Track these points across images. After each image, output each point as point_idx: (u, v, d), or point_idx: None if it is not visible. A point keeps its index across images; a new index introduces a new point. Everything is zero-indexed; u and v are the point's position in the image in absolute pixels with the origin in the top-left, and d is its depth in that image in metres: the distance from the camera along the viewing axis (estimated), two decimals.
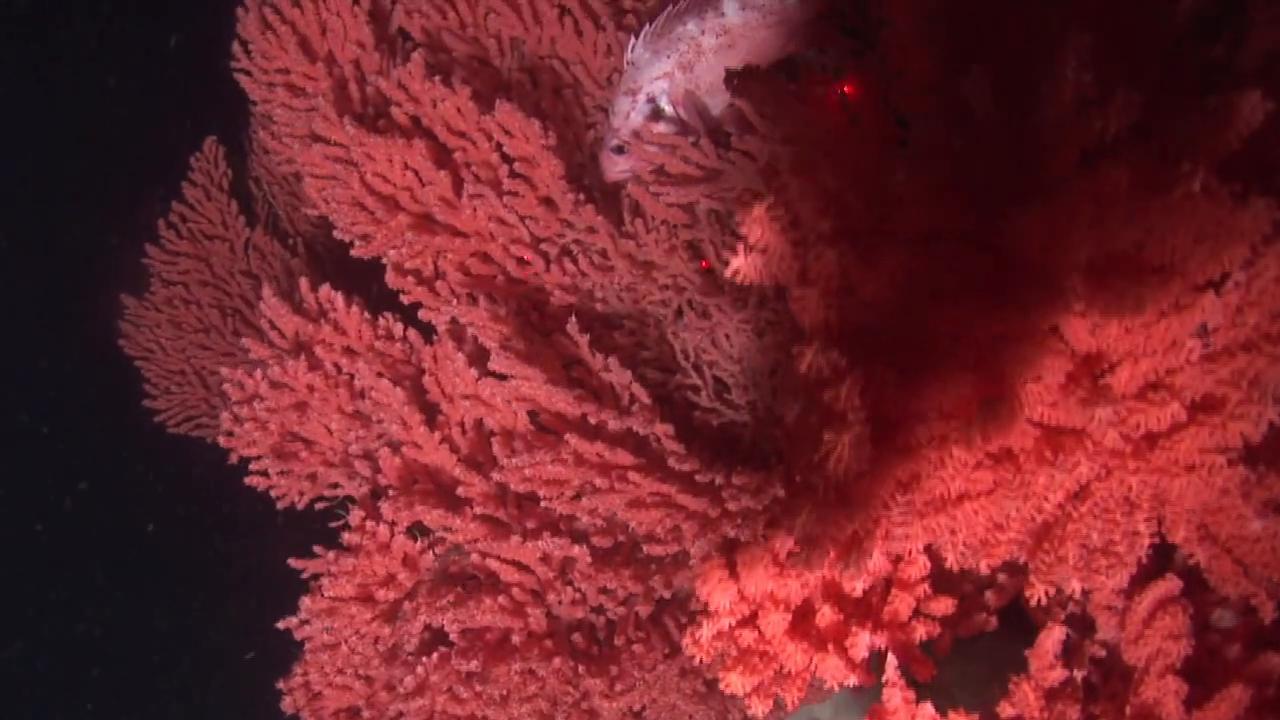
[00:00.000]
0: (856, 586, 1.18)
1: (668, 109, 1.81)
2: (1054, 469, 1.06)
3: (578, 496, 1.80)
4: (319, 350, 1.88)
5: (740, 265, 0.98)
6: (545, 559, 1.84)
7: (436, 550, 1.90)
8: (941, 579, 1.35)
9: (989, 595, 1.47)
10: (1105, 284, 0.89)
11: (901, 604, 1.24)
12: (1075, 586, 1.14)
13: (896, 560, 1.29)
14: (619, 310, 2.03)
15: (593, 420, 1.77)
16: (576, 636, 1.95)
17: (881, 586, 1.30)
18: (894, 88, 1.11)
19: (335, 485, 2.00)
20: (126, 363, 2.49)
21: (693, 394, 2.03)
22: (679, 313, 2.05)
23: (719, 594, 1.16)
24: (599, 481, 1.72)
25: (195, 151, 2.54)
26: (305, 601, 1.84)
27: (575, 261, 1.92)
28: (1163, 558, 1.30)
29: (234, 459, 1.96)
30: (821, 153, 0.93)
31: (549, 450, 1.73)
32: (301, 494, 1.99)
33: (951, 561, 1.13)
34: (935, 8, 0.97)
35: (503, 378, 1.80)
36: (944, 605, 1.24)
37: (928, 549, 1.27)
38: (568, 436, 1.72)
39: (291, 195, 2.41)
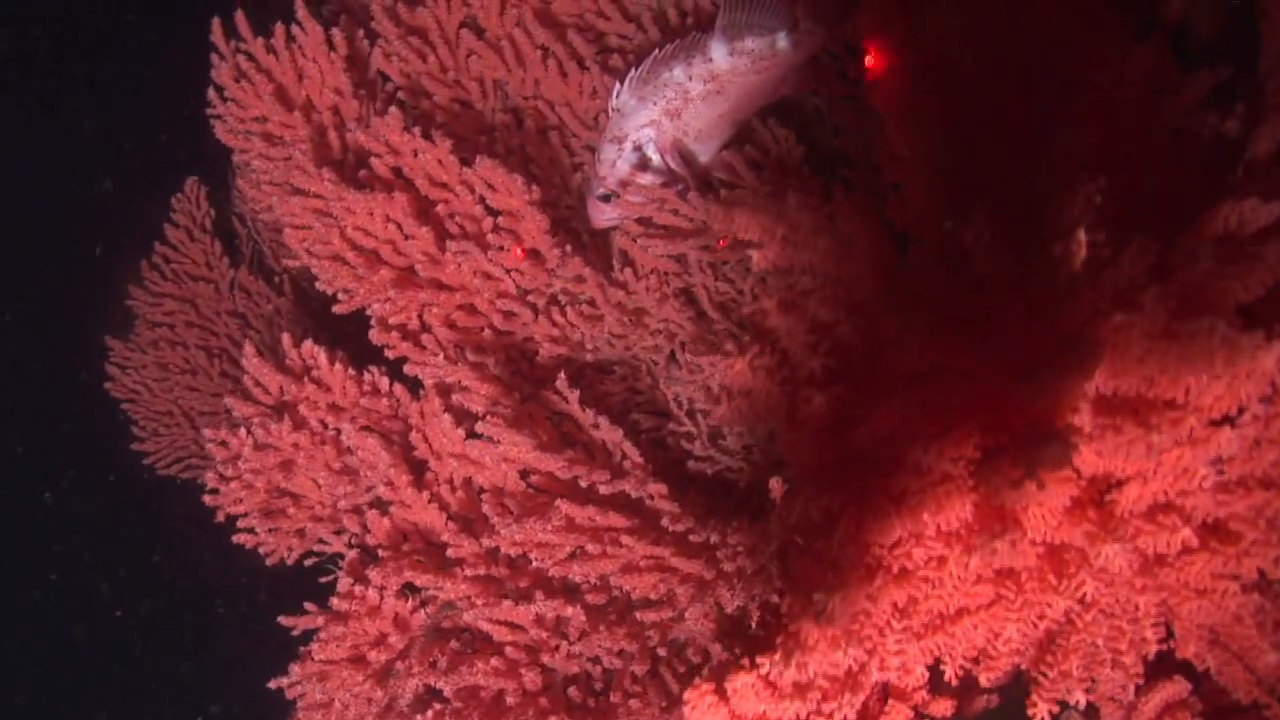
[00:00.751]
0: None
1: (655, 157, 1.73)
2: (1057, 591, 1.00)
3: (572, 555, 1.75)
4: (303, 409, 1.82)
5: (723, 413, 0.92)
6: (539, 620, 1.79)
7: (428, 609, 1.85)
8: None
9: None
10: (1114, 425, 0.82)
11: (899, 714, 1.18)
12: (1080, 699, 1.09)
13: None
14: (610, 356, 1.97)
15: (584, 484, 1.71)
16: (573, 690, 1.90)
17: (878, 694, 1.24)
18: (890, 203, 1.04)
19: (325, 541, 1.95)
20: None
21: (687, 442, 1.97)
22: (672, 356, 1.99)
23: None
24: (591, 547, 1.67)
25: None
26: (295, 668, 1.80)
27: (564, 312, 1.86)
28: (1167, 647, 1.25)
29: (221, 517, 1.90)
30: (812, 280, 0.87)
31: (539, 518, 1.67)
32: (290, 550, 1.94)
33: (950, 675, 1.08)
34: (933, 133, 0.90)
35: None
36: (944, 707, 1.18)
37: None
38: (559, 503, 1.66)
39: (276, 233, 2.34)
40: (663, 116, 1.70)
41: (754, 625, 1.64)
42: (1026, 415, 0.81)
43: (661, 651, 1.83)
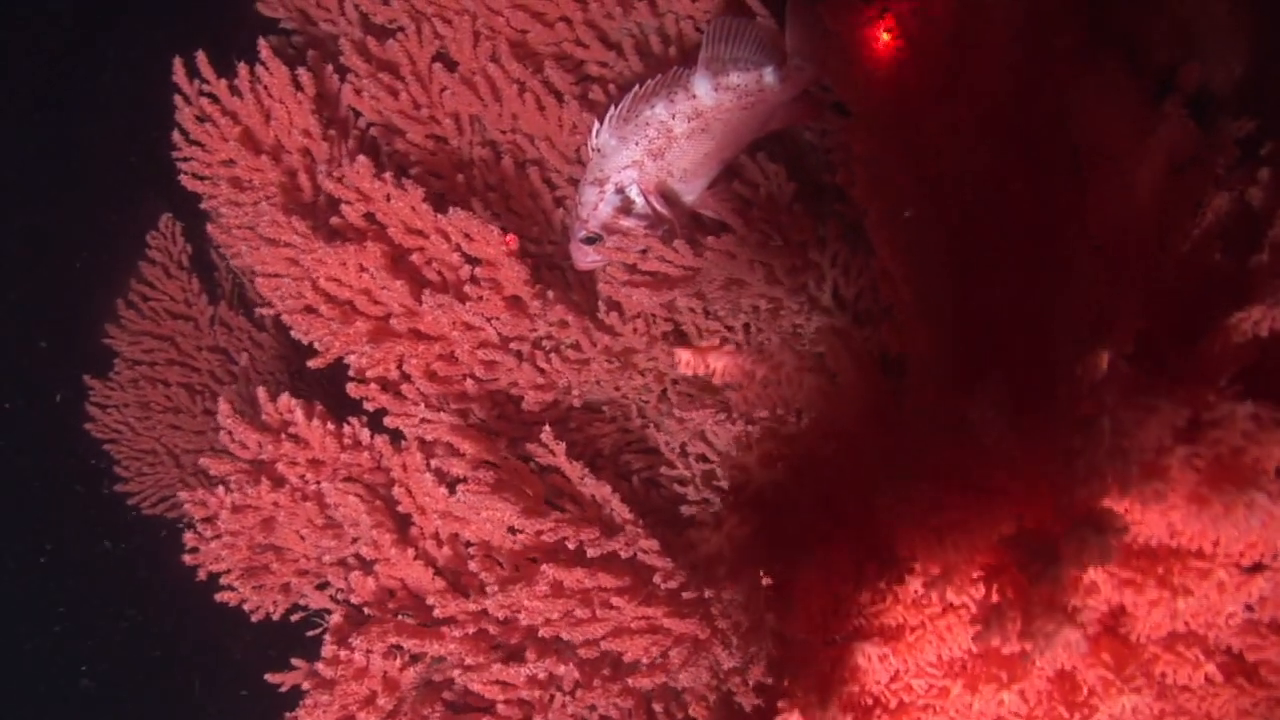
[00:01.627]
0: None
1: (638, 200, 1.63)
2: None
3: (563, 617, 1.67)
4: (281, 467, 1.74)
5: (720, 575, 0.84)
6: (531, 679, 1.71)
7: (417, 666, 1.77)
8: None
9: None
10: (1135, 582, 0.73)
11: None
12: None
13: None
14: (599, 397, 1.88)
15: (571, 545, 1.63)
16: None
17: None
18: (886, 329, 0.95)
19: (311, 595, 1.87)
20: None
21: (680, 485, 1.88)
22: (663, 394, 1.90)
23: None
24: (580, 612, 1.59)
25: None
26: None
27: (549, 358, 1.76)
28: None
29: (203, 575, 1.83)
30: (797, 425, 0.78)
31: (525, 584, 1.59)
32: (275, 605, 1.86)
33: None
34: (928, 253, 0.81)
35: None
36: None
37: None
38: (544, 567, 1.58)
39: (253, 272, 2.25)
40: (645, 157, 1.60)
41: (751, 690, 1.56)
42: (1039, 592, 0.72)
43: (658, 707, 1.76)
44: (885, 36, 0.97)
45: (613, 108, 1.61)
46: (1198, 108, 1.11)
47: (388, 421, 1.78)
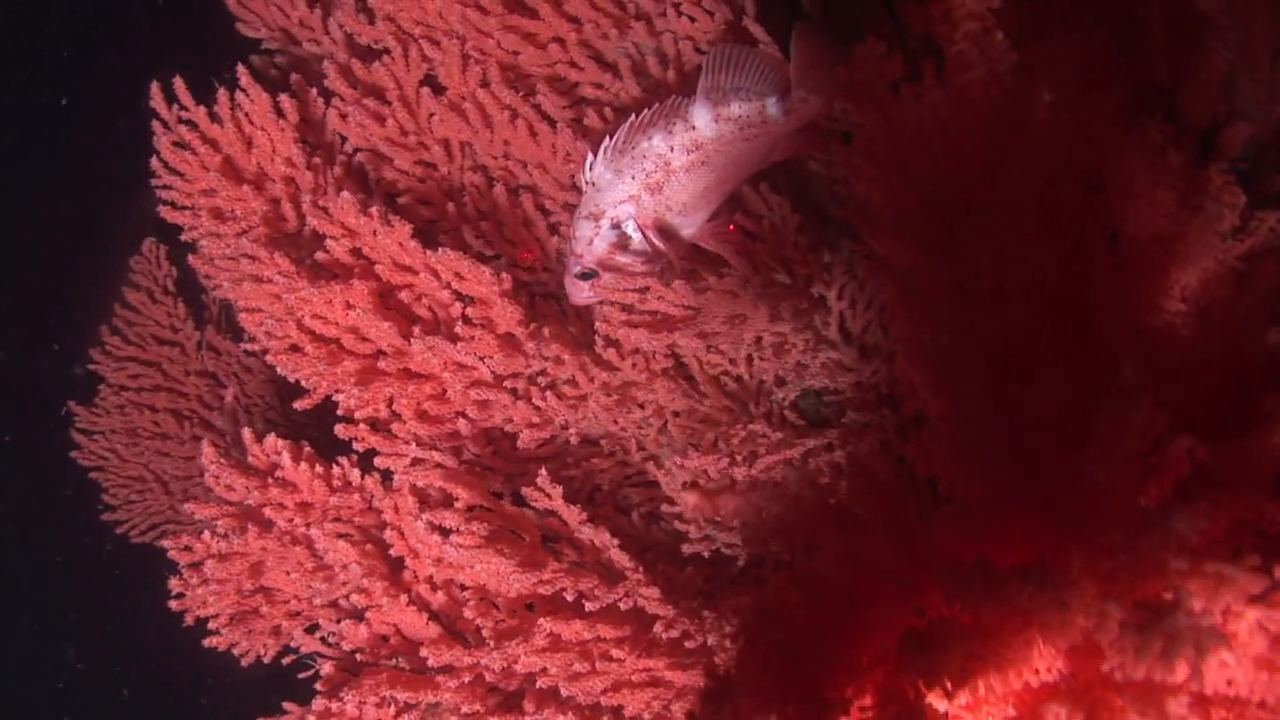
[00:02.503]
0: None
1: (635, 236, 1.55)
2: None
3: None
4: (269, 512, 1.67)
5: None
6: None
7: (411, 715, 1.71)
8: None
9: None
10: None
11: None
12: None
13: None
14: (596, 431, 1.81)
15: (570, 597, 1.56)
16: None
17: None
18: (913, 448, 0.87)
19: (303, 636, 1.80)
20: None
21: (681, 523, 1.81)
22: (663, 427, 1.82)
23: None
24: (579, 665, 1.52)
25: None
26: None
27: (544, 395, 1.69)
28: None
29: (190, 620, 1.76)
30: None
31: (522, 640, 1.52)
32: (266, 648, 1.80)
33: None
34: (956, 367, 0.73)
35: None
36: None
37: None
38: (541, 622, 1.51)
39: None
40: (642, 191, 1.52)
41: None
42: None
43: None
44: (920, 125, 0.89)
45: (608, 139, 1.53)
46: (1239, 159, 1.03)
47: (378, 462, 1.70)
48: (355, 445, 1.69)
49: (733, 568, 1.86)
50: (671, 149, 1.50)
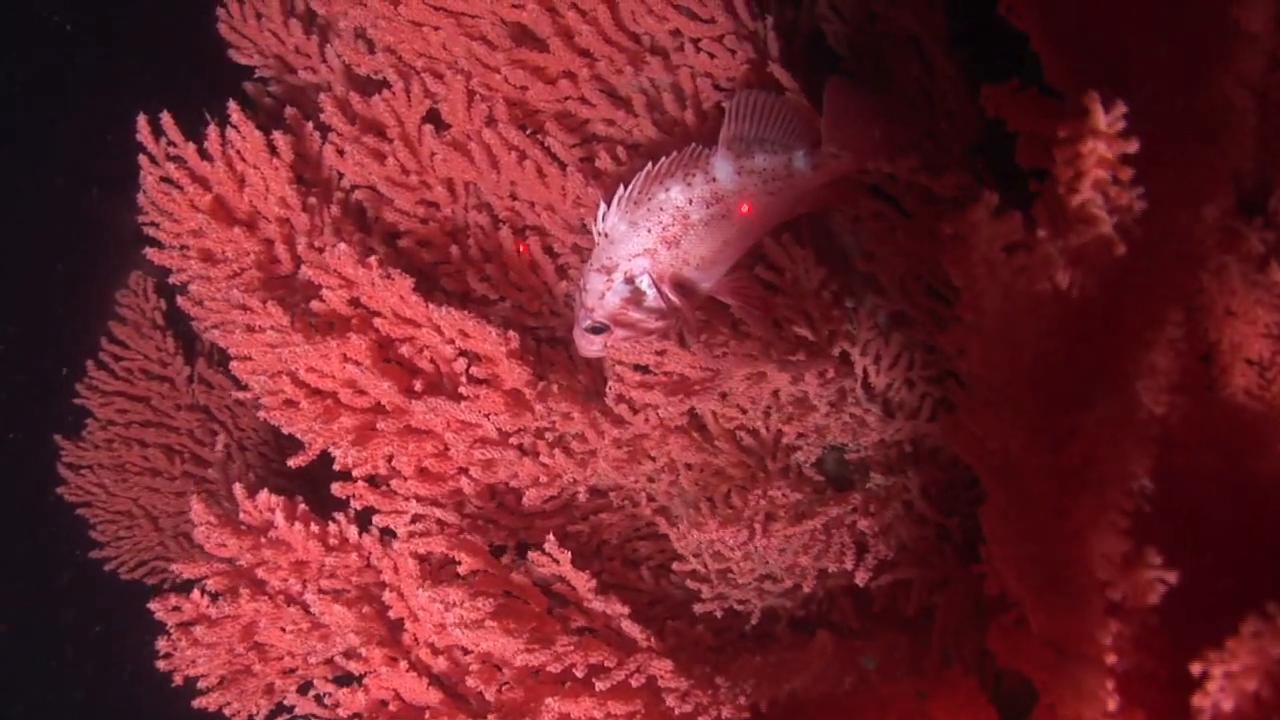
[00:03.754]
0: None
1: (649, 291, 1.45)
2: None
3: None
4: (262, 573, 1.58)
5: None
6: None
7: None
8: None
9: None
10: None
11: None
12: None
13: None
14: (604, 483, 1.72)
15: (580, 674, 1.47)
16: None
17: None
18: (994, 638, 0.78)
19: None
20: None
21: (694, 581, 1.72)
22: (675, 481, 1.73)
23: None
24: None
25: None
26: None
27: (551, 453, 1.60)
28: None
29: (179, 680, 1.67)
30: None
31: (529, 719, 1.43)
32: (258, 709, 1.71)
33: None
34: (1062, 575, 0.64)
35: None
36: None
37: None
38: (549, 702, 1.42)
39: None
40: (658, 244, 1.42)
41: None
42: None
43: None
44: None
45: (622, 188, 1.43)
46: None
47: (377, 520, 1.61)
48: (353, 503, 1.60)
49: (744, 623, 1.78)
50: (690, 201, 1.40)
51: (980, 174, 1.53)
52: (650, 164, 1.41)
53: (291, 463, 1.56)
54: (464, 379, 1.50)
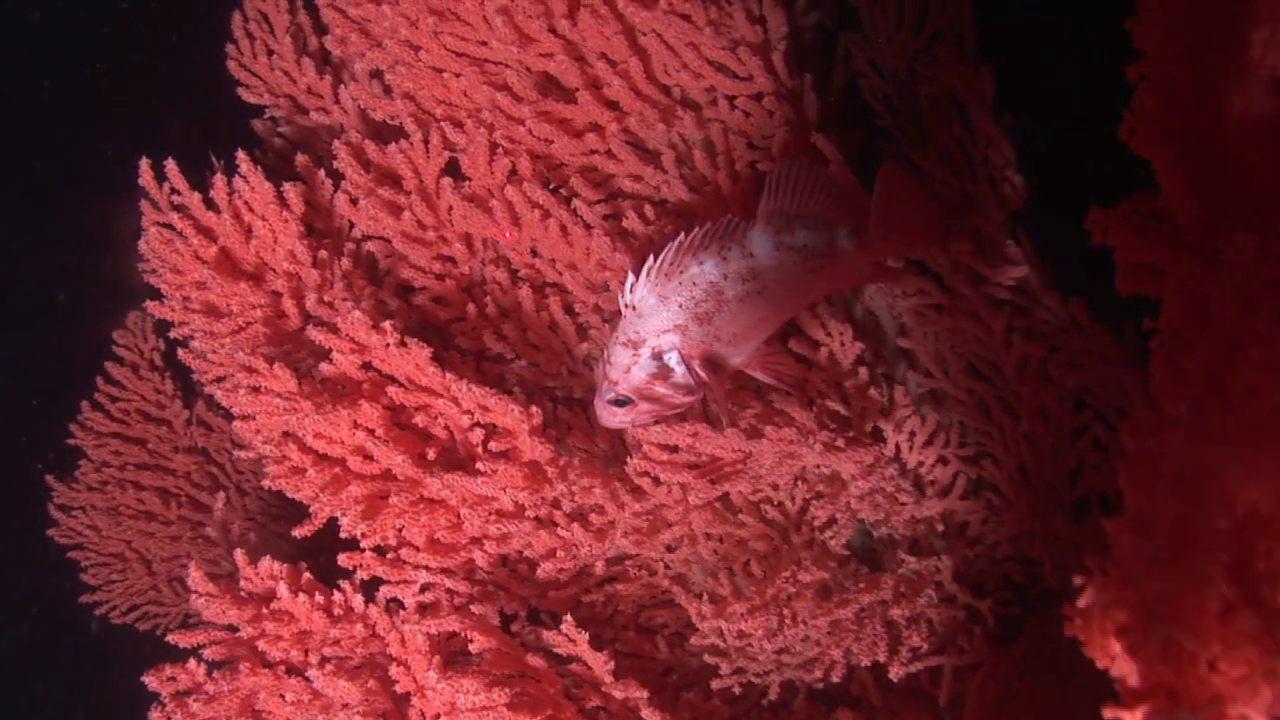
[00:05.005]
0: None
1: (678, 368, 1.37)
2: None
3: None
4: (263, 645, 1.50)
5: None
6: None
7: None
8: None
9: None
10: None
11: None
12: None
13: None
14: (621, 551, 1.64)
15: None
16: None
17: None
18: None
19: None
20: None
21: (712, 655, 1.65)
22: (695, 550, 1.65)
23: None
24: None
25: None
26: None
27: (570, 526, 1.52)
28: None
29: None
30: None
31: None
32: None
33: None
34: None
35: None
36: None
37: None
38: None
39: None
40: (689, 320, 1.34)
41: None
42: None
43: None
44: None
45: (652, 258, 1.35)
46: None
47: (384, 591, 1.54)
48: (360, 573, 1.53)
49: (761, 695, 1.71)
50: (725, 277, 1.32)
51: (1021, 242, 1.45)
52: (682, 234, 1.33)
53: (296, 532, 1.47)
54: (481, 451, 1.42)
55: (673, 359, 1.36)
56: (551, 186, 1.54)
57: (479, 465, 1.41)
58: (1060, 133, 1.61)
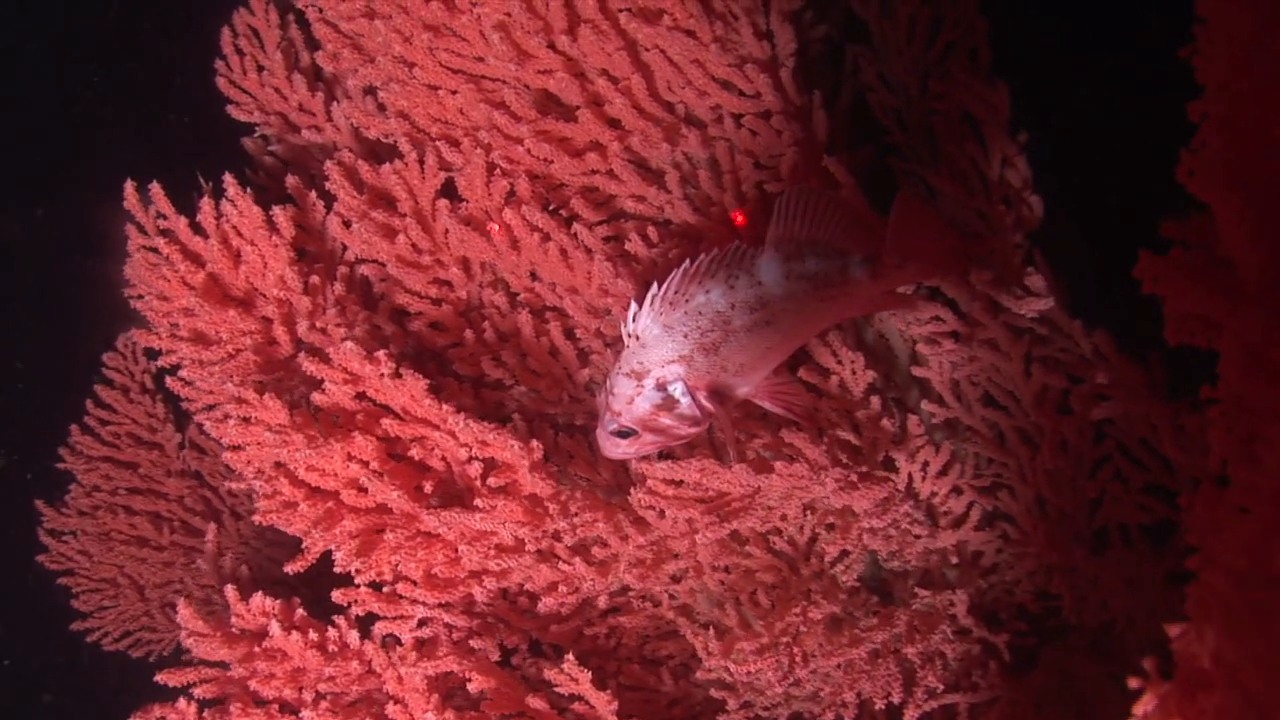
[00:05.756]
0: None
1: (683, 399, 1.30)
2: None
3: None
4: (256, 684, 1.44)
5: None
6: None
7: None
8: None
9: None
10: None
11: None
12: None
13: None
14: (625, 584, 1.58)
15: None
16: None
17: None
18: None
19: None
20: None
21: (718, 690, 1.59)
22: (702, 585, 1.59)
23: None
24: None
25: None
26: None
27: (572, 560, 1.46)
28: None
29: None
30: None
31: None
32: None
33: None
34: None
35: None
36: None
37: None
38: None
39: None
40: (695, 351, 1.27)
41: None
42: None
43: None
44: None
45: (656, 286, 1.28)
46: None
47: (379, 627, 1.48)
48: (354, 610, 1.47)
49: None
50: (733, 306, 1.25)
51: (1039, 265, 1.39)
52: (688, 261, 1.26)
53: (288, 568, 1.41)
54: (480, 484, 1.36)
55: (678, 390, 1.29)
56: (551, 208, 1.47)
57: (477, 501, 1.35)
58: (1074, 147, 1.55)
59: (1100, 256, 1.56)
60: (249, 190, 1.48)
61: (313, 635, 1.46)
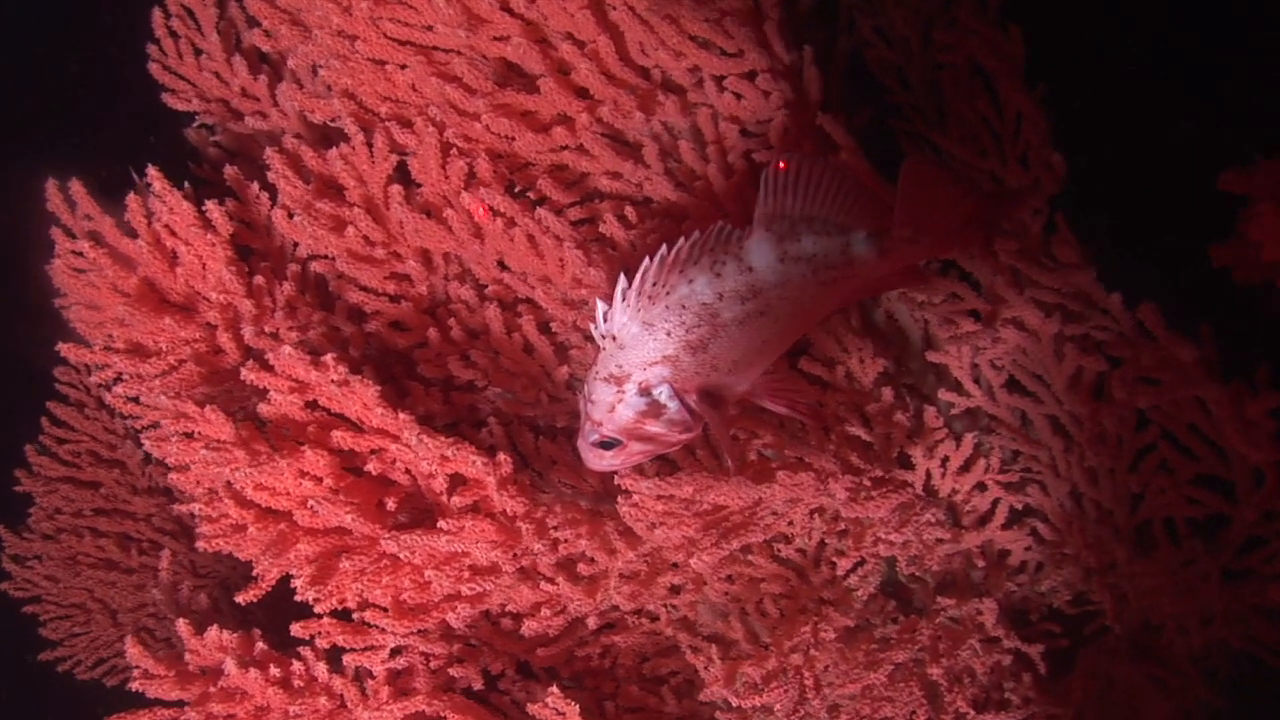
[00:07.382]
0: None
1: (670, 404, 1.13)
2: None
3: None
4: None
5: None
6: None
7: None
8: None
9: None
10: None
11: None
12: None
13: None
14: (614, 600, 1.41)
15: None
16: None
17: None
18: None
19: None
20: None
21: (723, 712, 1.43)
22: (701, 593, 1.42)
23: None
24: None
25: None
26: None
27: (555, 578, 1.29)
28: None
29: None
30: None
31: None
32: None
33: None
34: None
35: None
36: None
37: None
38: None
39: None
40: (680, 350, 1.09)
41: None
42: None
43: None
44: None
45: (627, 279, 1.10)
46: None
47: (348, 660, 1.31)
48: (319, 642, 1.30)
49: None
50: (720, 297, 1.07)
51: (1063, 232, 1.21)
52: (665, 247, 1.08)
53: (240, 598, 1.25)
54: (446, 500, 1.19)
55: (664, 394, 1.12)
56: (516, 190, 1.30)
57: (441, 523, 1.18)
58: (1095, 102, 1.36)
59: (1117, 224, 1.39)
60: (186, 185, 1.32)
61: (275, 671, 1.30)
